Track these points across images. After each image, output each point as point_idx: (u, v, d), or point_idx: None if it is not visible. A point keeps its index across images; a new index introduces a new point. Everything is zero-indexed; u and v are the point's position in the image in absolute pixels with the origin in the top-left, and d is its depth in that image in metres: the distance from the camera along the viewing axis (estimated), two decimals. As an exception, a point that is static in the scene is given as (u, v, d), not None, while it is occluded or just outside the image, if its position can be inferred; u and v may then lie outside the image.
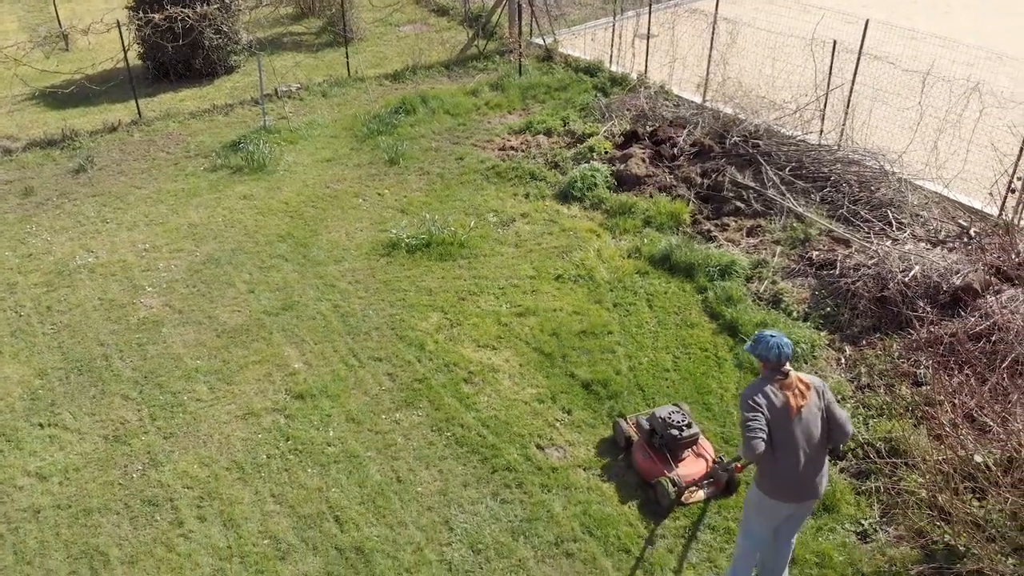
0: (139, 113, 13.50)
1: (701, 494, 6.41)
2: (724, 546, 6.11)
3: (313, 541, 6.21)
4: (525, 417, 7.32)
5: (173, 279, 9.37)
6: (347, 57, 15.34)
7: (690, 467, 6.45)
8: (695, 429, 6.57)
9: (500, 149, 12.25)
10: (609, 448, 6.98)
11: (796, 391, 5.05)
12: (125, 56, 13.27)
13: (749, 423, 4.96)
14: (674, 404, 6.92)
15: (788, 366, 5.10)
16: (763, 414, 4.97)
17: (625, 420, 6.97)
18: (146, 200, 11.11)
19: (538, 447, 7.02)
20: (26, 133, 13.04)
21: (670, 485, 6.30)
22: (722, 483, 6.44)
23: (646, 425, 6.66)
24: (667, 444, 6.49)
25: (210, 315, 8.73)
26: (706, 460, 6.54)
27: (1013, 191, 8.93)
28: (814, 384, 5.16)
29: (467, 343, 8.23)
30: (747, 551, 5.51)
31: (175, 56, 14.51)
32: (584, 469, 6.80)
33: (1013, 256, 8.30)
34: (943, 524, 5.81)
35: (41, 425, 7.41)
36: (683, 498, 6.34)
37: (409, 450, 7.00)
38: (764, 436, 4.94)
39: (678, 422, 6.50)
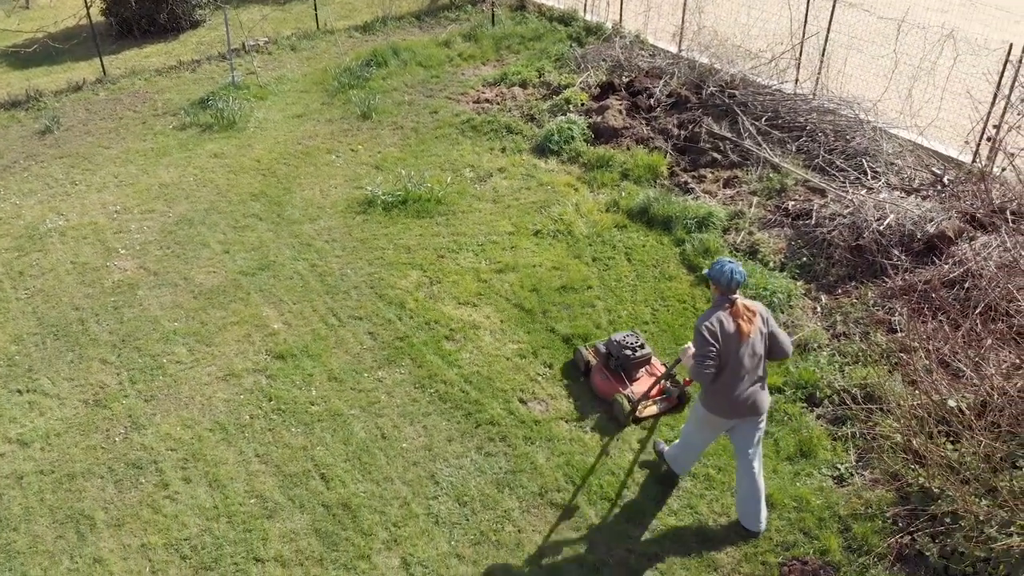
0: (104, 71, 13.18)
1: (654, 408, 6.84)
2: (704, 492, 6.24)
3: (300, 499, 6.26)
4: (507, 372, 7.36)
5: (146, 241, 9.24)
6: (315, 9, 15.03)
7: (643, 386, 6.87)
8: (647, 350, 7.01)
9: (475, 102, 12.12)
10: (589, 399, 7.06)
11: (745, 317, 5.44)
12: (88, 12, 12.90)
13: (704, 355, 5.38)
14: (630, 330, 7.29)
15: (738, 294, 5.48)
16: (716, 345, 5.37)
17: (584, 347, 7.31)
18: (115, 160, 10.90)
19: (520, 401, 7.08)
20: (-12, 94, 12.70)
21: (625, 401, 6.72)
22: (674, 399, 6.91)
23: (603, 349, 7.11)
24: (622, 365, 6.93)
25: (186, 276, 8.65)
26: (659, 378, 6.81)
27: (989, 139, 8.99)
28: (759, 311, 5.54)
29: (447, 300, 8.23)
30: (684, 455, 6.08)
31: (139, 11, 14.15)
32: (566, 421, 6.88)
33: (986, 203, 8.39)
34: (918, 467, 5.95)
35: (19, 391, 7.34)
36: (637, 412, 6.75)
37: (393, 407, 7.03)
38: (714, 367, 5.40)
39: (631, 344, 6.95)
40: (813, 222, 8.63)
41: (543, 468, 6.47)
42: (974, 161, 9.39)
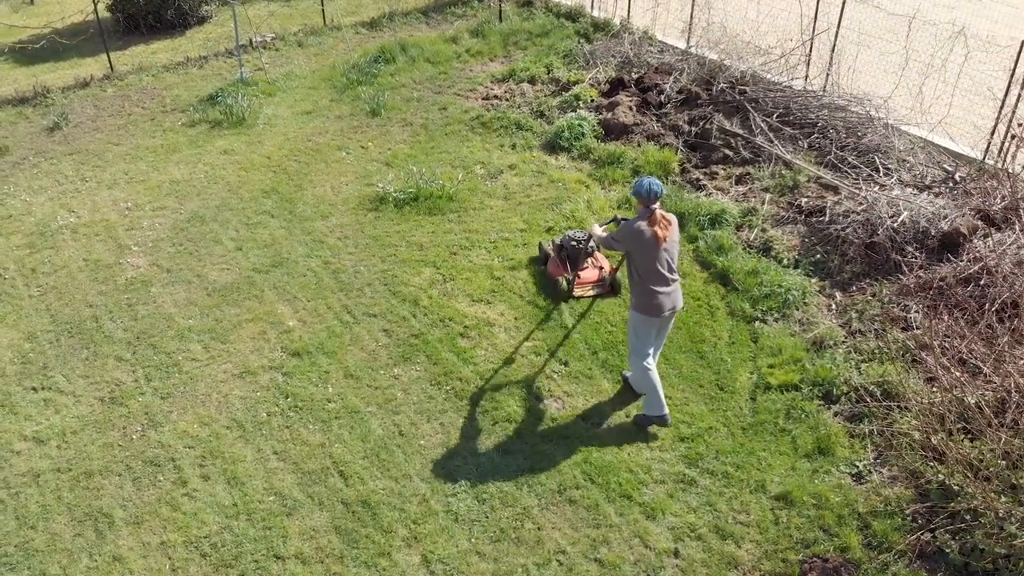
0: (111, 67, 13.14)
1: (591, 292, 8.16)
2: (723, 490, 6.25)
3: (319, 496, 6.27)
4: (523, 369, 7.37)
5: (158, 238, 9.24)
6: (322, 5, 14.98)
7: (586, 273, 8.21)
8: (593, 244, 8.12)
9: (484, 98, 12.10)
10: (614, 401, 7.08)
11: (662, 224, 6.31)
12: (95, 8, 12.85)
13: (612, 244, 6.68)
14: (581, 229, 8.57)
15: (656, 204, 6.32)
16: (621, 243, 6.51)
17: (544, 241, 8.68)
18: (124, 157, 10.88)
19: (537, 398, 7.09)
20: (-5, 90, 12.68)
21: (564, 283, 8.07)
22: (607, 287, 8.20)
23: (558, 242, 8.35)
24: (569, 255, 8.13)
25: (199, 274, 8.64)
26: (600, 269, 8.24)
27: (1014, 137, 8.97)
28: (673, 220, 6.46)
29: (461, 298, 8.22)
30: (639, 364, 6.61)
31: (146, 7, 14.10)
32: (583, 419, 6.89)
33: (999, 200, 8.39)
34: (937, 464, 5.97)
35: (34, 389, 7.34)
36: (573, 292, 8.10)
37: (409, 404, 7.04)
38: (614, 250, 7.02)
39: (579, 238, 8.13)
40: (827, 219, 8.63)
41: (561, 465, 6.48)
42: (984, 158, 9.39)
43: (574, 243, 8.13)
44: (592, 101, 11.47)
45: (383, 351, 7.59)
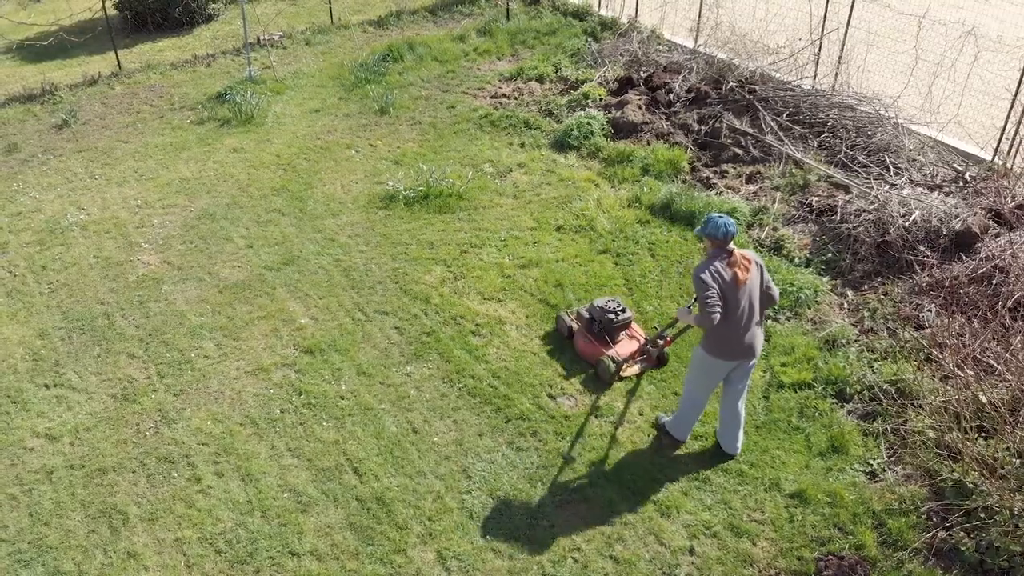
0: (119, 65, 13.15)
1: (636, 368, 7.23)
2: (738, 488, 6.25)
3: (333, 493, 6.27)
4: (535, 367, 7.37)
5: (169, 235, 9.24)
6: (329, 3, 15.00)
7: (625, 347, 7.27)
8: (628, 314, 7.37)
9: (492, 97, 12.11)
10: (627, 399, 7.08)
11: (741, 266, 5.74)
12: (103, 6, 12.86)
13: (708, 299, 5.66)
14: (610, 296, 7.57)
15: (732, 244, 5.77)
16: (716, 289, 5.66)
17: (566, 314, 7.68)
18: (134, 155, 10.89)
19: (549, 396, 7.09)
20: (4, 88, 12.70)
21: (610, 362, 7.06)
22: (653, 358, 7.26)
23: (586, 315, 7.42)
24: (604, 328, 7.26)
25: (210, 271, 8.65)
26: (639, 341, 7.29)
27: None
28: (755, 259, 5.87)
29: (472, 296, 8.23)
30: (691, 406, 6.33)
31: (153, 5, 14.11)
32: (596, 417, 6.89)
33: (1010, 200, 8.39)
34: (951, 462, 5.97)
35: (47, 386, 7.35)
36: (621, 372, 7.13)
37: (422, 402, 7.04)
38: (720, 310, 5.68)
39: (613, 308, 7.29)
40: (838, 218, 8.63)
41: (575, 463, 6.48)
42: (994, 158, 9.38)
43: (610, 316, 7.23)
44: (601, 100, 11.47)
45: (395, 349, 7.59)
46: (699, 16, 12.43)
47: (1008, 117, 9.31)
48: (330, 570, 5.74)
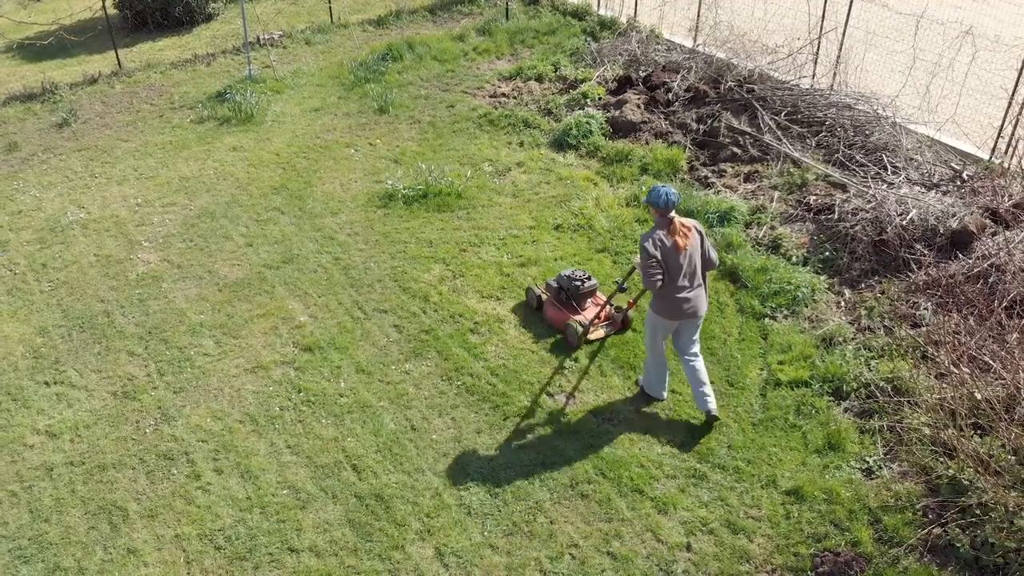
0: (119, 64, 13.18)
1: (602, 332, 7.63)
2: (735, 485, 6.28)
3: (332, 490, 6.30)
4: (533, 365, 7.40)
5: (169, 233, 9.27)
6: (329, 3, 15.03)
7: (591, 313, 7.68)
8: (594, 282, 7.79)
9: (491, 96, 12.14)
10: (625, 397, 7.11)
11: (681, 233, 6.29)
12: (103, 5, 12.89)
13: (649, 267, 6.29)
14: (576, 267, 8.13)
15: (673, 213, 6.30)
16: (657, 258, 6.25)
17: (534, 285, 8.10)
18: (134, 153, 10.92)
19: (547, 394, 7.12)
20: (4, 87, 12.74)
21: (578, 326, 7.48)
22: (618, 323, 7.70)
23: (554, 284, 7.85)
24: (571, 296, 7.70)
25: (210, 269, 8.68)
26: (603, 307, 7.61)
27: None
28: (695, 226, 6.42)
29: (471, 294, 8.26)
30: (653, 361, 6.84)
31: (153, 4, 14.14)
32: (594, 414, 6.92)
33: (1007, 199, 8.42)
34: (947, 459, 6.00)
35: (47, 383, 7.38)
36: (588, 335, 7.52)
37: (421, 399, 7.07)
38: (660, 276, 6.30)
39: (580, 277, 7.74)
40: (836, 217, 8.66)
41: (573, 460, 6.51)
42: (991, 157, 9.41)
43: (577, 283, 7.71)
44: (600, 99, 11.50)
45: (394, 347, 7.62)
46: (698, 16, 12.45)
47: (1005, 116, 9.34)
48: (329, 566, 5.77)
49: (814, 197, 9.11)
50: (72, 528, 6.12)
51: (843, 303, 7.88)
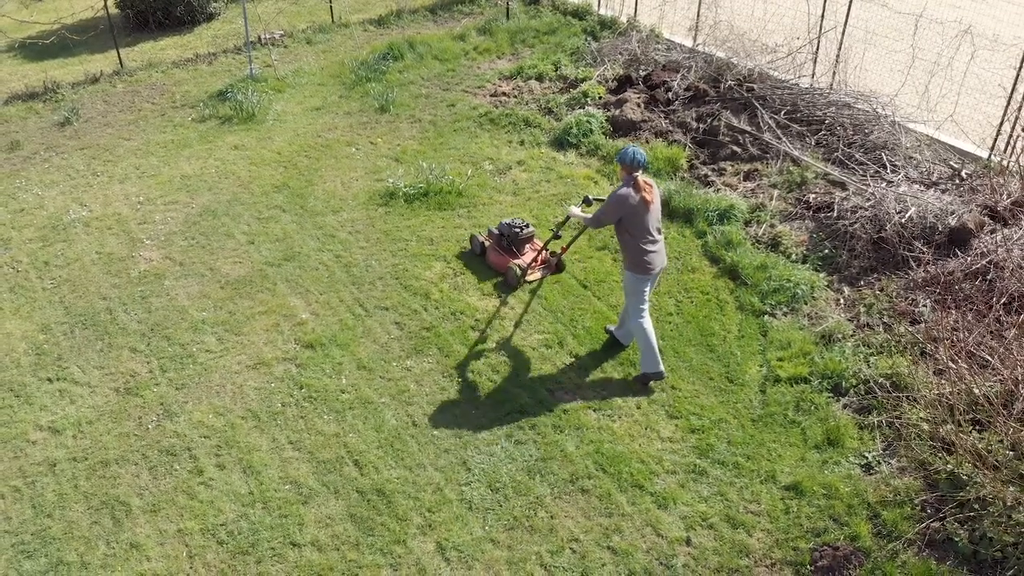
0: (121, 63, 13.22)
1: (538, 274, 8.38)
2: (734, 480, 6.31)
3: (334, 485, 6.33)
4: (534, 362, 7.43)
5: (171, 231, 9.31)
6: (330, 2, 15.06)
7: (529, 256, 8.40)
8: (531, 229, 8.55)
9: (492, 95, 12.17)
10: (625, 392, 7.15)
11: (646, 189, 6.84)
12: (105, 4, 12.93)
13: (605, 214, 6.94)
14: (518, 218, 8.72)
15: (639, 171, 6.83)
16: (617, 215, 6.83)
17: (477, 234, 8.75)
18: (135, 152, 10.96)
19: (548, 390, 7.15)
20: (6, 86, 12.78)
21: (517, 268, 8.19)
22: (553, 266, 8.42)
23: (496, 231, 8.54)
24: (511, 241, 8.38)
25: (212, 267, 8.71)
26: (540, 251, 8.33)
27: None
28: (653, 184, 6.99)
29: (472, 291, 8.29)
30: (637, 324, 7.05)
31: (155, 3, 14.17)
32: (594, 411, 6.96)
33: (1005, 197, 8.46)
34: (945, 455, 6.03)
35: (49, 380, 7.41)
36: (526, 277, 8.26)
37: (422, 396, 7.11)
38: (603, 226, 7.16)
39: (519, 224, 8.44)
40: (835, 215, 8.70)
41: (573, 455, 6.55)
42: (990, 156, 9.45)
43: (516, 230, 8.38)
44: (600, 98, 11.54)
45: (395, 343, 7.66)
46: (698, 15, 12.49)
47: (1004, 115, 9.38)
48: (331, 561, 5.81)
49: (813, 195, 9.15)
50: (75, 523, 6.16)
51: (842, 300, 7.92)
